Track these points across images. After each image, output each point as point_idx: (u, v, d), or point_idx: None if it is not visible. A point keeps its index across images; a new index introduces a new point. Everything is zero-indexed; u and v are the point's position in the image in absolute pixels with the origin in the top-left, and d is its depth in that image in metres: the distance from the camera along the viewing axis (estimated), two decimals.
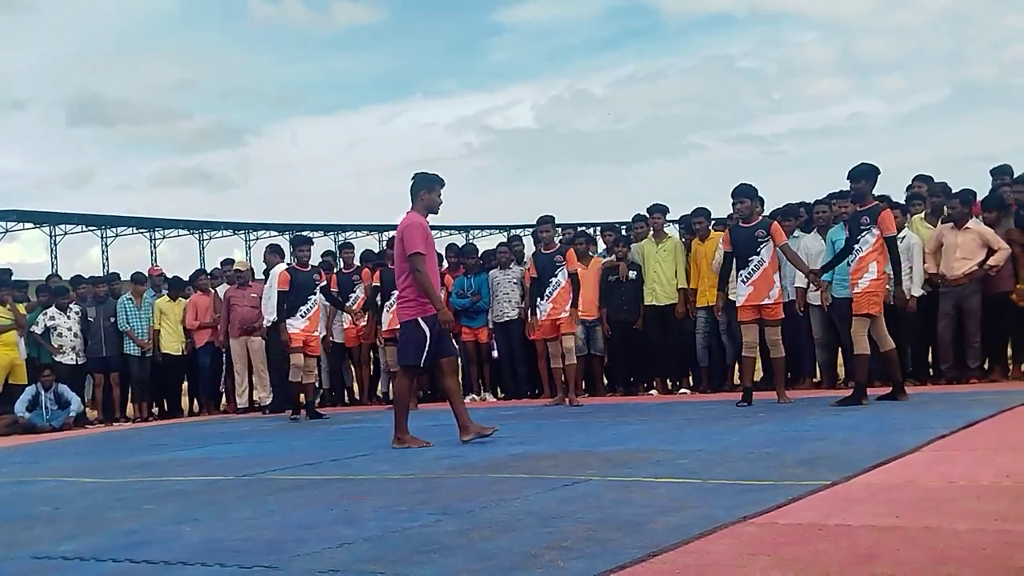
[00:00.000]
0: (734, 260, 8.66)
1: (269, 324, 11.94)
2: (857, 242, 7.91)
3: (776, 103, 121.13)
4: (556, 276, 10.06)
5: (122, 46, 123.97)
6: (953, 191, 9.81)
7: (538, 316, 10.21)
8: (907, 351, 9.55)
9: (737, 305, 8.68)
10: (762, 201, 9.93)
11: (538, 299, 10.19)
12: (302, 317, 10.55)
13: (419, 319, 6.82)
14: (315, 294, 10.72)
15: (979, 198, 9.79)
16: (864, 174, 7.90)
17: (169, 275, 14.24)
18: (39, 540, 4.21)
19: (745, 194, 8.62)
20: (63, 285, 13.70)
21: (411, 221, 6.93)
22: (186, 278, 14.12)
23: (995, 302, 9.40)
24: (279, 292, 10.57)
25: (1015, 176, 10.04)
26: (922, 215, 9.95)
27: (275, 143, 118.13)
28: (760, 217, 8.89)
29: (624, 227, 13.28)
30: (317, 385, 11.65)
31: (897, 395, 7.95)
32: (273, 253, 12.06)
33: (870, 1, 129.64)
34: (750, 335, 8.62)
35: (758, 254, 8.48)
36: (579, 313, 10.47)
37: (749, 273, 8.50)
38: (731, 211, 8.97)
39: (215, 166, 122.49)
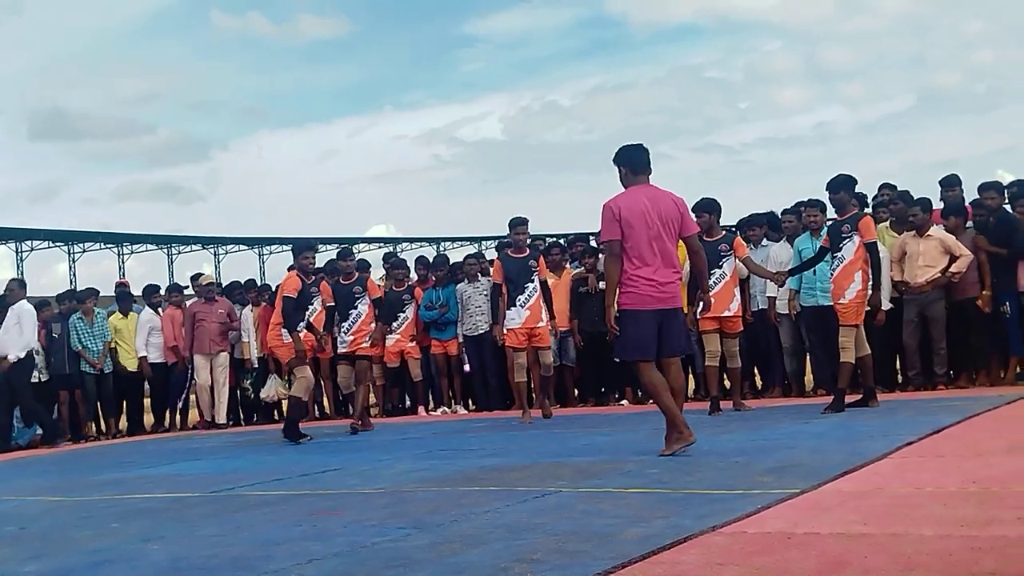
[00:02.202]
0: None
1: (15, 360, 11.28)
2: (839, 250, 7.93)
3: (743, 112, 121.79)
4: (532, 281, 9.46)
5: (84, 59, 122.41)
6: (915, 198, 9.90)
7: (509, 323, 9.58)
8: (874, 358, 9.61)
9: (697, 317, 8.66)
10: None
11: (512, 305, 9.55)
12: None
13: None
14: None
15: (937, 206, 9.89)
16: (842, 185, 7.95)
17: (137, 291, 14.10)
18: (3, 561, 4.16)
19: (706, 208, 8.63)
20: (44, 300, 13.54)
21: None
22: (136, 292, 13.96)
23: (961, 309, 9.50)
24: (286, 297, 9.20)
25: (966, 185, 10.12)
26: (887, 223, 10.01)
27: (243, 156, 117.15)
28: (723, 232, 8.92)
29: (593, 237, 13.30)
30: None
31: (868, 401, 8.02)
32: (20, 287, 11.74)
33: (831, 6, 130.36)
34: (712, 344, 8.66)
35: (720, 267, 8.52)
36: (555, 324, 10.17)
37: (711, 286, 8.49)
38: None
39: (182, 180, 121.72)
